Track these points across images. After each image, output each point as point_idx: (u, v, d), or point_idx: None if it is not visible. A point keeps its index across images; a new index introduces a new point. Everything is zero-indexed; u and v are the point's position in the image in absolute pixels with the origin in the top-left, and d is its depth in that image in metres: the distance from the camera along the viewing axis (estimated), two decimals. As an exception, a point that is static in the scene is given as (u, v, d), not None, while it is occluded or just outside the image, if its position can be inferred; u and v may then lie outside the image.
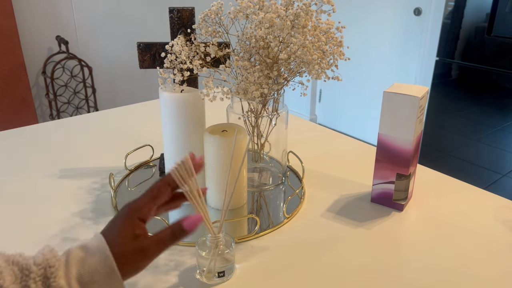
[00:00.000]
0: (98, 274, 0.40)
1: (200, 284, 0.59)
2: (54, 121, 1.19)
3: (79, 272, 0.40)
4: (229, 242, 0.60)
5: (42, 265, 0.39)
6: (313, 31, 0.66)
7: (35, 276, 0.39)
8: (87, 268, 0.40)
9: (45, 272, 0.39)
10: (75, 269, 0.40)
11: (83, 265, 0.41)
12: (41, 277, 0.39)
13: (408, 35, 2.71)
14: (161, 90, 0.72)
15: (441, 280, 0.60)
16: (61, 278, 0.39)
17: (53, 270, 0.39)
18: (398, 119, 0.71)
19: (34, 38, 2.34)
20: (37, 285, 0.39)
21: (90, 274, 0.40)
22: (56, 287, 0.39)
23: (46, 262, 0.40)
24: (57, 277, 0.39)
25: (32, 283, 0.38)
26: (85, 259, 0.41)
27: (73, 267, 0.40)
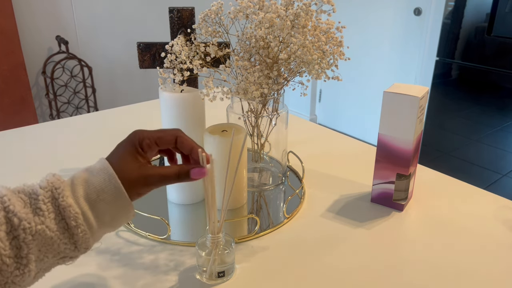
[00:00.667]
0: (104, 192, 0.42)
1: (200, 284, 0.59)
2: (54, 121, 1.19)
3: (85, 191, 0.42)
4: (229, 242, 0.60)
5: (48, 187, 0.41)
6: (313, 31, 0.66)
7: (43, 198, 0.40)
8: (93, 187, 0.42)
9: (52, 193, 0.41)
10: (81, 189, 0.42)
11: (88, 185, 0.42)
12: (49, 198, 0.40)
13: (408, 35, 2.71)
14: (161, 90, 0.72)
15: (441, 280, 0.60)
16: (69, 197, 0.41)
17: (59, 191, 0.41)
18: (398, 119, 0.71)
19: (34, 38, 2.34)
20: (47, 206, 0.40)
21: (96, 192, 0.42)
22: (65, 206, 0.40)
23: (52, 185, 0.41)
24: (65, 196, 0.40)
25: (42, 204, 0.40)
26: (90, 179, 0.42)
27: (79, 187, 0.42)
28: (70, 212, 0.40)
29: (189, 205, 0.78)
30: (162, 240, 0.68)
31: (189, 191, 0.77)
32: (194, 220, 0.76)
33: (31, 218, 0.39)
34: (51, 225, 0.40)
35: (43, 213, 0.39)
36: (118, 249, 0.66)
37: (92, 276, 0.60)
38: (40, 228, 0.39)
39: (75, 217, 0.40)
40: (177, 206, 0.78)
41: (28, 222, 0.38)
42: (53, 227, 0.40)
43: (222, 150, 0.71)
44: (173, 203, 0.79)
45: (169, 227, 0.69)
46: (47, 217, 0.39)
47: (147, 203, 0.78)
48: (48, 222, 0.39)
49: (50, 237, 0.39)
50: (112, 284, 0.59)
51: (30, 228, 0.38)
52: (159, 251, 0.66)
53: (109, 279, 0.59)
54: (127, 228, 0.71)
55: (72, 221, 0.40)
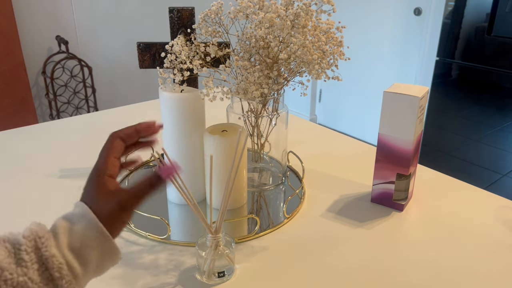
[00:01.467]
0: (88, 238, 0.41)
1: (200, 284, 0.59)
2: (54, 121, 1.19)
3: (68, 240, 0.40)
4: (229, 242, 0.60)
5: (31, 237, 0.39)
6: (313, 31, 0.66)
7: (26, 247, 0.39)
8: (76, 235, 0.41)
9: (36, 243, 0.39)
10: (65, 238, 0.40)
11: (71, 233, 0.41)
12: (32, 248, 0.39)
13: (408, 35, 2.71)
14: (161, 90, 0.72)
15: (441, 280, 0.60)
16: (52, 247, 0.39)
17: (43, 240, 0.39)
18: (398, 119, 0.71)
19: (34, 38, 2.34)
20: (30, 256, 0.38)
21: (80, 240, 0.41)
22: (48, 256, 0.39)
23: (35, 233, 0.39)
24: (48, 246, 0.39)
25: (24, 254, 0.38)
26: (72, 227, 0.41)
27: (62, 237, 0.40)
28: (53, 263, 0.39)
29: (189, 205, 0.78)
30: (162, 240, 0.68)
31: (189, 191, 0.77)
32: (194, 220, 0.76)
33: (14, 269, 0.37)
34: (34, 276, 0.38)
35: (26, 264, 0.38)
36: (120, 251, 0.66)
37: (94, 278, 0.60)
38: (22, 280, 0.37)
39: (59, 268, 0.39)
40: (177, 206, 0.78)
41: (10, 273, 0.37)
42: (36, 278, 0.38)
43: (222, 150, 0.71)
44: (173, 203, 0.79)
45: (169, 227, 0.69)
46: (30, 268, 0.38)
47: (147, 203, 0.78)
48: (31, 274, 0.38)
49: None
50: (112, 284, 0.59)
51: (11, 279, 0.37)
52: (159, 251, 0.66)
53: (109, 279, 0.59)
54: (127, 228, 0.71)
55: (56, 272, 0.38)
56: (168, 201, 0.79)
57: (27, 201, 0.79)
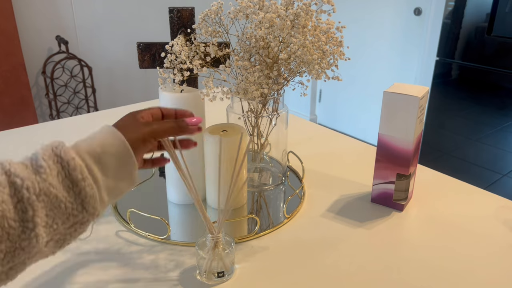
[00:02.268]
0: (108, 145, 0.42)
1: (199, 284, 0.59)
2: (54, 121, 1.19)
3: (89, 146, 0.41)
4: (229, 242, 0.60)
5: (47, 147, 0.40)
6: (313, 31, 0.66)
7: (42, 156, 0.39)
8: (96, 142, 0.42)
9: (53, 151, 0.39)
10: (84, 145, 0.41)
11: (91, 140, 0.42)
12: (49, 155, 0.39)
13: (408, 35, 2.71)
14: (161, 90, 0.72)
15: (441, 280, 0.60)
16: (71, 151, 0.39)
17: (60, 147, 0.39)
18: (398, 119, 0.71)
19: (34, 38, 2.34)
20: (47, 163, 0.38)
21: (100, 146, 0.41)
22: (68, 159, 0.39)
23: (51, 144, 0.40)
24: (67, 150, 0.39)
25: (42, 162, 0.38)
26: (93, 136, 0.43)
27: (81, 144, 0.41)
28: (75, 164, 0.39)
29: (189, 205, 0.78)
30: (162, 240, 0.68)
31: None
32: (194, 220, 0.76)
33: (33, 178, 0.37)
34: (54, 182, 0.38)
35: (44, 170, 0.38)
36: (118, 249, 0.66)
37: (92, 276, 0.60)
38: (43, 186, 0.37)
39: (81, 169, 0.39)
40: (177, 206, 0.78)
41: (31, 181, 0.37)
42: (57, 184, 0.38)
43: (222, 150, 0.71)
44: (173, 203, 0.79)
45: (169, 227, 0.69)
46: (49, 174, 0.38)
47: (147, 203, 0.78)
48: (51, 179, 0.38)
49: (55, 196, 0.38)
50: (112, 284, 0.59)
51: (33, 187, 0.37)
52: (159, 251, 0.66)
53: (109, 279, 0.59)
54: (127, 228, 0.71)
55: (78, 174, 0.39)
56: (168, 201, 0.79)
57: (27, 201, 0.79)
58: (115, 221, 0.73)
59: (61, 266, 0.62)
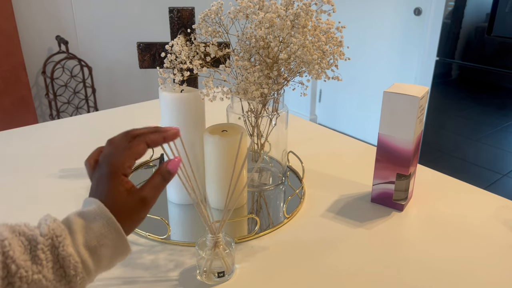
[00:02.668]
0: (104, 237, 0.42)
1: (199, 284, 0.59)
2: (54, 121, 1.19)
3: (85, 238, 0.41)
4: (229, 242, 0.60)
5: (48, 235, 0.40)
6: (313, 31, 0.66)
7: (42, 246, 0.39)
8: (92, 233, 0.41)
9: (53, 242, 0.40)
10: (81, 236, 0.41)
11: (87, 231, 0.41)
12: (48, 246, 0.40)
13: (408, 35, 2.71)
14: (161, 90, 0.72)
15: (441, 280, 0.60)
16: (69, 246, 0.40)
17: (60, 240, 0.40)
18: (398, 119, 0.71)
19: (34, 38, 2.34)
20: (46, 255, 0.39)
21: (96, 238, 0.41)
22: (65, 256, 0.39)
23: (53, 232, 0.40)
24: (65, 245, 0.40)
25: (40, 253, 0.39)
26: (88, 225, 0.42)
27: (78, 235, 0.41)
28: (69, 261, 0.39)
29: (189, 205, 0.78)
30: (162, 240, 0.68)
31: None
32: (194, 220, 0.76)
33: (29, 267, 0.38)
34: (48, 274, 0.39)
35: (41, 262, 0.39)
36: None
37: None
38: (37, 278, 0.38)
39: (75, 266, 0.40)
40: (177, 206, 0.78)
41: (26, 270, 0.38)
42: (50, 276, 0.39)
43: (222, 150, 0.71)
44: (173, 203, 0.79)
45: (169, 227, 0.69)
46: (44, 266, 0.39)
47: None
48: (46, 272, 0.39)
49: (46, 286, 0.39)
50: (112, 284, 0.59)
51: (26, 277, 0.38)
52: (159, 251, 0.66)
53: (109, 279, 0.59)
54: (127, 228, 0.71)
55: (72, 271, 0.40)
56: (168, 201, 0.80)
57: (27, 201, 0.79)
58: (115, 221, 0.73)
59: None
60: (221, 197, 0.75)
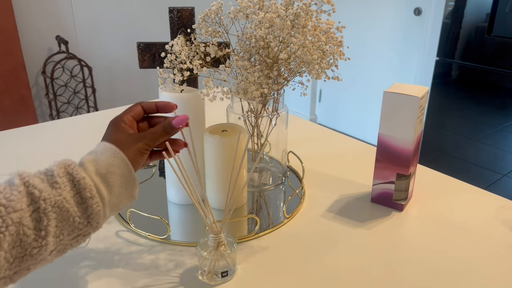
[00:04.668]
0: (112, 165, 0.46)
1: (200, 284, 0.59)
2: (54, 121, 1.19)
3: (95, 167, 0.45)
4: (231, 242, 0.60)
5: (61, 165, 0.44)
6: (313, 31, 0.66)
7: (58, 172, 0.43)
8: (101, 163, 0.46)
9: (66, 169, 0.43)
10: (91, 166, 0.45)
11: (97, 161, 0.46)
12: (63, 173, 0.43)
13: (408, 35, 2.71)
14: (161, 90, 0.72)
15: (441, 280, 0.60)
16: (82, 171, 0.44)
17: (72, 167, 0.44)
18: (398, 119, 0.71)
19: (34, 38, 2.34)
20: (62, 180, 0.43)
21: (106, 167, 0.46)
22: (80, 178, 0.43)
23: (64, 162, 0.44)
24: (78, 170, 0.44)
25: (58, 178, 0.42)
26: (97, 158, 0.46)
27: (88, 165, 0.45)
28: (85, 184, 0.43)
29: (189, 205, 0.78)
30: (162, 240, 0.68)
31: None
32: (194, 220, 0.76)
33: (50, 191, 0.41)
34: (68, 196, 0.42)
35: (60, 186, 0.42)
36: (118, 249, 0.66)
37: (92, 276, 0.60)
38: (59, 199, 0.41)
39: (90, 189, 0.43)
40: (177, 206, 0.78)
41: (48, 193, 0.41)
42: (70, 199, 0.42)
43: (222, 150, 0.71)
44: (173, 203, 0.79)
45: (169, 227, 0.69)
46: (63, 190, 0.42)
47: (147, 203, 0.78)
48: (65, 194, 0.42)
49: (67, 210, 0.42)
50: (112, 284, 0.59)
51: (50, 199, 0.41)
52: (159, 251, 0.66)
53: (109, 279, 0.59)
54: (127, 228, 0.71)
55: (87, 193, 0.43)
56: (168, 201, 0.80)
57: (27, 201, 0.79)
58: (115, 221, 0.73)
59: (61, 266, 0.62)
60: (220, 197, 0.75)
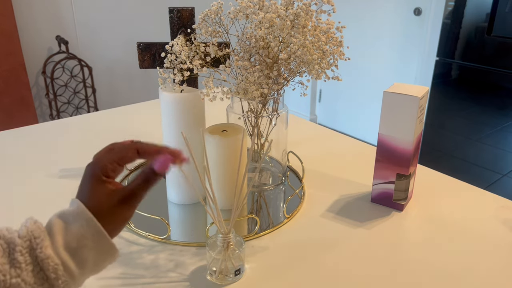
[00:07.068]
0: (84, 238, 0.40)
1: (200, 284, 0.59)
2: (54, 121, 1.19)
3: (64, 240, 0.40)
4: (239, 242, 0.60)
5: (26, 237, 0.39)
6: (313, 31, 0.66)
7: (20, 248, 0.38)
8: (71, 235, 0.40)
9: (31, 243, 0.39)
10: (60, 238, 0.39)
11: (67, 232, 0.40)
12: (27, 249, 0.38)
13: (408, 35, 2.71)
14: (161, 90, 0.72)
15: (441, 280, 0.60)
16: (48, 248, 0.39)
17: (38, 241, 0.38)
18: (398, 119, 0.71)
19: (34, 38, 2.34)
20: (24, 257, 0.38)
21: (77, 239, 0.40)
22: (43, 257, 0.38)
23: (31, 234, 0.39)
24: (43, 247, 0.38)
25: (19, 255, 0.38)
26: (68, 227, 0.40)
27: (57, 236, 0.39)
28: (48, 264, 0.38)
29: (189, 205, 0.78)
30: (162, 240, 0.68)
31: (189, 191, 0.77)
32: (194, 220, 0.76)
33: (7, 270, 0.37)
34: (28, 278, 0.37)
35: (20, 265, 0.37)
36: (118, 249, 0.66)
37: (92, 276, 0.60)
38: (15, 282, 0.37)
39: (55, 269, 0.38)
40: (177, 206, 0.78)
41: (3, 274, 0.37)
42: (30, 280, 0.38)
43: (222, 150, 0.71)
44: (173, 203, 0.79)
45: (169, 227, 0.69)
46: (23, 270, 0.37)
47: (147, 203, 0.78)
48: (25, 275, 0.37)
49: None
50: (112, 284, 0.59)
51: (4, 281, 0.36)
52: (159, 251, 0.66)
53: (109, 279, 0.59)
54: (127, 228, 0.71)
55: (52, 273, 0.38)
56: (168, 201, 0.80)
57: (27, 201, 0.79)
58: (115, 221, 0.73)
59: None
60: (221, 196, 0.75)
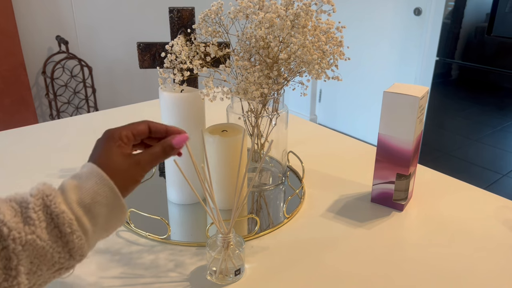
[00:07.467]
0: (98, 194, 0.41)
1: (200, 284, 0.59)
2: (54, 121, 1.19)
3: (78, 196, 0.40)
4: (239, 242, 0.60)
5: (38, 195, 0.39)
6: (313, 31, 0.66)
7: (33, 206, 0.38)
8: (86, 191, 0.41)
9: (44, 201, 0.39)
10: (74, 194, 0.40)
11: (81, 189, 0.41)
12: (40, 206, 0.39)
13: (408, 35, 2.71)
14: (161, 90, 0.72)
15: (441, 280, 0.60)
16: (61, 203, 0.39)
17: (51, 198, 0.39)
18: (398, 119, 0.71)
19: (34, 38, 2.34)
20: (37, 214, 0.38)
21: (90, 196, 0.41)
22: (58, 213, 0.39)
23: (42, 192, 0.39)
24: (57, 203, 0.39)
25: (32, 212, 0.38)
26: (81, 185, 0.41)
27: (71, 193, 0.40)
28: (64, 218, 0.39)
29: (189, 205, 0.78)
30: (162, 240, 0.68)
31: (189, 191, 0.77)
32: (194, 220, 0.76)
33: (21, 228, 0.37)
34: (42, 234, 0.38)
35: (34, 222, 0.38)
36: (118, 249, 0.66)
37: (92, 276, 0.60)
38: (30, 238, 0.37)
39: (70, 224, 0.39)
40: (177, 206, 0.78)
41: (18, 232, 0.37)
42: (45, 236, 0.38)
43: (222, 150, 0.71)
44: (173, 203, 0.79)
45: (169, 227, 0.69)
46: (37, 226, 0.38)
47: (147, 203, 0.78)
48: (39, 232, 0.38)
49: (42, 247, 0.38)
50: (112, 284, 0.59)
51: (20, 238, 0.37)
52: (159, 251, 0.66)
53: (109, 279, 0.59)
54: (127, 228, 0.71)
55: (67, 228, 0.39)
56: (168, 201, 0.80)
57: (27, 201, 0.79)
58: (115, 221, 0.73)
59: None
60: (221, 196, 0.75)
